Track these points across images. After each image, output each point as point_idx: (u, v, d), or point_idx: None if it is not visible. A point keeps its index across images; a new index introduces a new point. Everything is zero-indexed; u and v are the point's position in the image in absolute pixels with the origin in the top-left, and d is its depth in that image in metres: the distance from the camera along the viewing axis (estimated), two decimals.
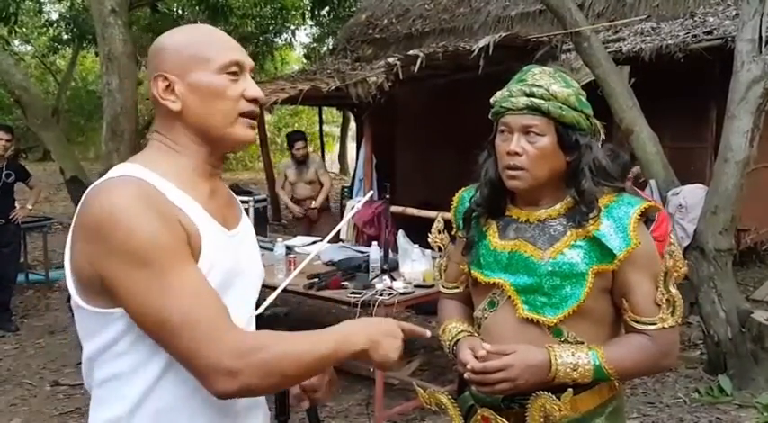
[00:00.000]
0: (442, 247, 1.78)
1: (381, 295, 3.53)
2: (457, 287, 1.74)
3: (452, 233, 1.75)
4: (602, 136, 1.60)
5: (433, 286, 3.78)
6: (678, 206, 4.62)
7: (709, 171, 6.06)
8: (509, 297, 1.54)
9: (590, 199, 1.49)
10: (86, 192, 1.13)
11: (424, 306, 5.18)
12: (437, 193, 7.68)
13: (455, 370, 4.36)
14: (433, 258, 4.00)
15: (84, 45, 15.05)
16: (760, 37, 4.09)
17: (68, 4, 14.59)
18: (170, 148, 1.21)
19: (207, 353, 1.05)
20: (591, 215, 1.48)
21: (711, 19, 6.46)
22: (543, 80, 1.50)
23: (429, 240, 1.80)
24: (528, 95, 1.48)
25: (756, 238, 7.08)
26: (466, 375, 1.49)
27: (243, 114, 1.21)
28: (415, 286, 3.74)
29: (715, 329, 4.28)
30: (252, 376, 1.06)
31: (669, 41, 6.07)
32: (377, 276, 3.81)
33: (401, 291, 3.63)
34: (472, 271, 1.61)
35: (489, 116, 1.58)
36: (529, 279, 1.51)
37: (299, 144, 6.55)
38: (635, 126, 4.71)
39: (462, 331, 1.62)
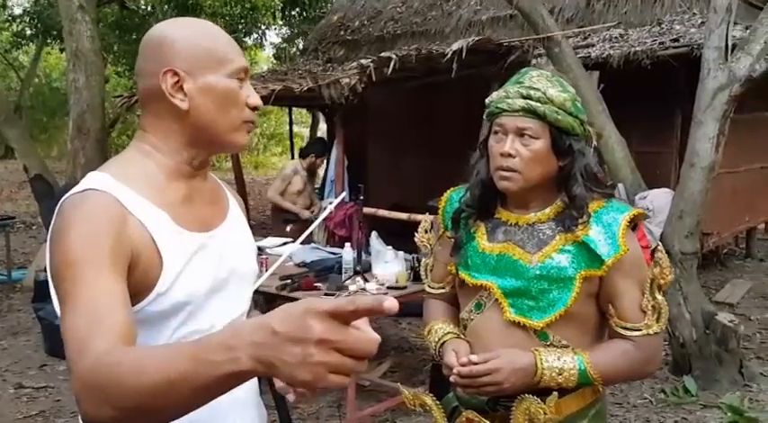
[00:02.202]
0: (428, 246, 1.77)
1: None
2: (443, 287, 1.74)
3: (439, 233, 1.74)
4: (594, 142, 1.61)
5: (406, 287, 3.79)
6: (645, 209, 4.70)
7: (673, 175, 6.19)
8: (496, 300, 1.54)
9: (580, 204, 1.49)
10: (59, 203, 1.11)
11: None
12: (407, 195, 7.77)
13: (426, 371, 4.37)
14: (406, 260, 4.01)
15: (49, 41, 14.77)
16: (726, 45, 4.19)
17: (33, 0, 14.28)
18: (152, 148, 1.18)
19: (71, 373, 0.94)
20: (580, 220, 1.49)
21: (678, 27, 6.60)
22: (541, 83, 1.50)
23: (415, 240, 1.79)
24: (525, 97, 1.49)
25: (718, 242, 7.25)
26: (452, 378, 1.49)
27: (245, 122, 1.20)
28: (388, 288, 3.74)
29: (680, 331, 4.37)
30: (87, 404, 0.88)
31: (637, 48, 6.18)
32: (350, 278, 3.80)
33: (374, 292, 3.62)
34: (459, 272, 1.61)
35: (484, 116, 1.58)
36: (516, 282, 1.51)
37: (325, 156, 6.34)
38: (604, 130, 4.78)
39: (448, 333, 1.62)
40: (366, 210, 6.09)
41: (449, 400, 1.66)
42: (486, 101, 1.57)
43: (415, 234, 1.79)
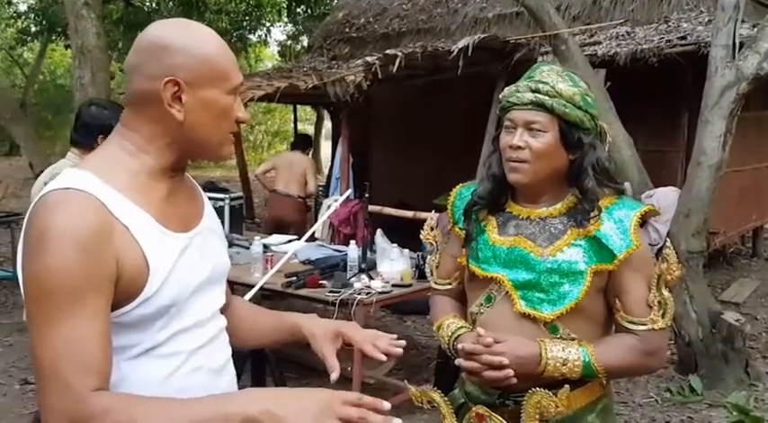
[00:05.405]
0: (433, 243, 1.79)
1: (360, 294, 3.52)
2: (449, 283, 1.75)
3: (448, 228, 1.75)
4: (609, 138, 1.62)
5: (411, 285, 3.79)
6: None
7: (680, 174, 6.16)
8: (506, 292, 1.55)
9: (592, 198, 1.51)
10: (35, 200, 1.08)
11: (399, 305, 5.19)
12: (412, 193, 7.74)
13: (430, 368, 4.35)
14: (411, 258, 4.01)
15: (54, 38, 14.82)
16: (734, 43, 4.17)
17: None
18: (137, 149, 1.16)
19: (49, 411, 1.01)
20: (592, 215, 1.51)
21: (685, 25, 6.56)
22: (550, 78, 1.53)
23: (421, 237, 1.81)
24: (533, 91, 1.52)
25: (724, 241, 7.22)
26: (457, 362, 1.52)
27: (231, 133, 1.23)
28: (393, 285, 3.73)
29: (686, 330, 4.35)
30: None
31: (644, 46, 6.14)
32: (355, 275, 3.79)
33: (379, 290, 3.62)
34: (470, 265, 1.62)
35: (497, 112, 1.61)
36: (528, 275, 1.53)
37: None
38: (610, 129, 4.76)
39: (461, 327, 1.63)
40: (371, 207, 6.09)
41: (455, 396, 1.66)
42: (500, 96, 1.60)
43: (421, 231, 1.80)
